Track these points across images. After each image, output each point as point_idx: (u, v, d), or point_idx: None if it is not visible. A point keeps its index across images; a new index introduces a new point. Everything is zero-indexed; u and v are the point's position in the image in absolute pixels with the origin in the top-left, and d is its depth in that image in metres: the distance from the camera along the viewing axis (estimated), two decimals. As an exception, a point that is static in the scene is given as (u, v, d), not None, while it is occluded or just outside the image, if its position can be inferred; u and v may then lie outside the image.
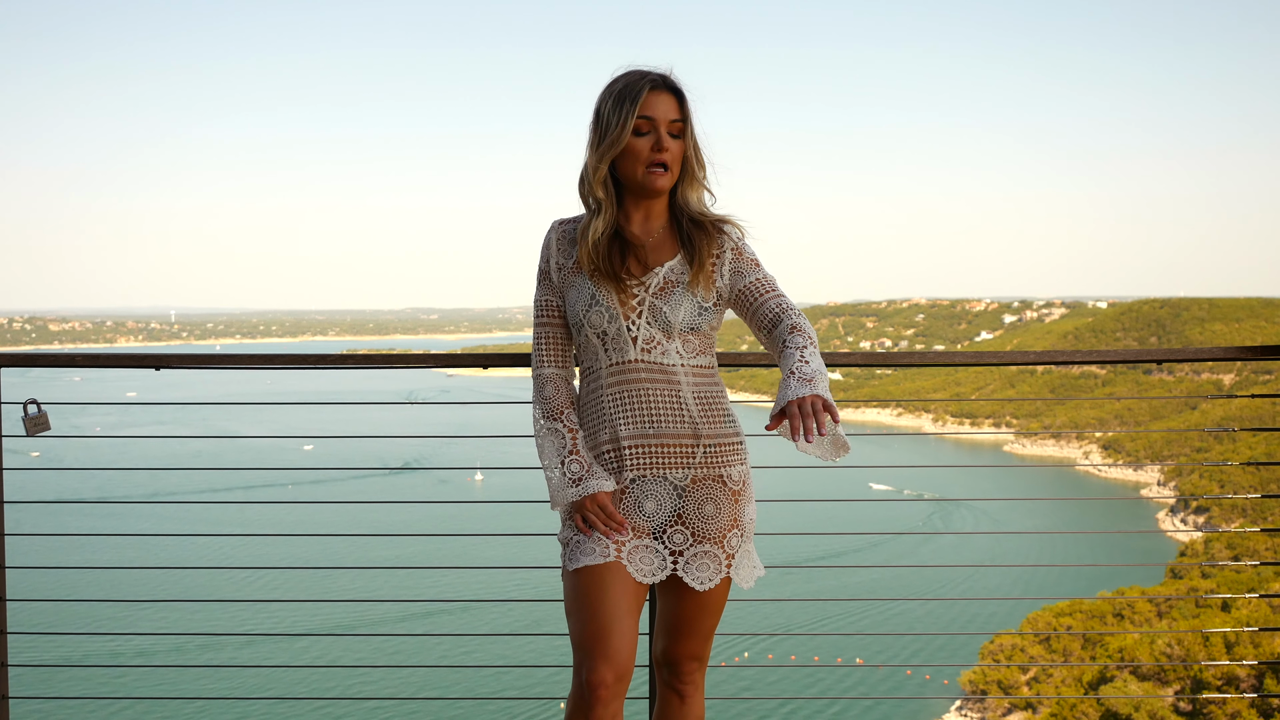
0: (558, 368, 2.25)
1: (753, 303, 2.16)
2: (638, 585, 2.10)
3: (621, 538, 2.11)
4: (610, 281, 2.14)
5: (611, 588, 2.05)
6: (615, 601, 2.04)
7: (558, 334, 2.25)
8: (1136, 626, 22.09)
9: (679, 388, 2.14)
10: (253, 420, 74.40)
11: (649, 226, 2.21)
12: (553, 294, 2.24)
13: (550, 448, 2.18)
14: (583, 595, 2.06)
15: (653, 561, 2.13)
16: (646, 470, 2.13)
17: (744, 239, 2.23)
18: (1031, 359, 2.94)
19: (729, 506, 2.15)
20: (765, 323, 2.15)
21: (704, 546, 2.14)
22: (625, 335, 2.13)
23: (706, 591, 2.15)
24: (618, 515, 2.12)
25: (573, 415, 2.21)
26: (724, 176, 2.25)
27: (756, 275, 2.18)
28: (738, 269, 2.19)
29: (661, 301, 2.14)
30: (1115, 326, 76.77)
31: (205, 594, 30.36)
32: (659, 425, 2.13)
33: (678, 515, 2.14)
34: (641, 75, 2.15)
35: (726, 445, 2.17)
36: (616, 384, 2.15)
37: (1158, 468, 59.64)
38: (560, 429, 2.19)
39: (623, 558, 2.09)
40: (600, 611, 2.03)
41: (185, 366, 2.90)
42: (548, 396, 2.22)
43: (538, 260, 2.27)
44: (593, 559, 2.07)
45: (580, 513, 2.13)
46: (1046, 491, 52.09)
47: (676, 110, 2.15)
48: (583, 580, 2.07)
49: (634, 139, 2.13)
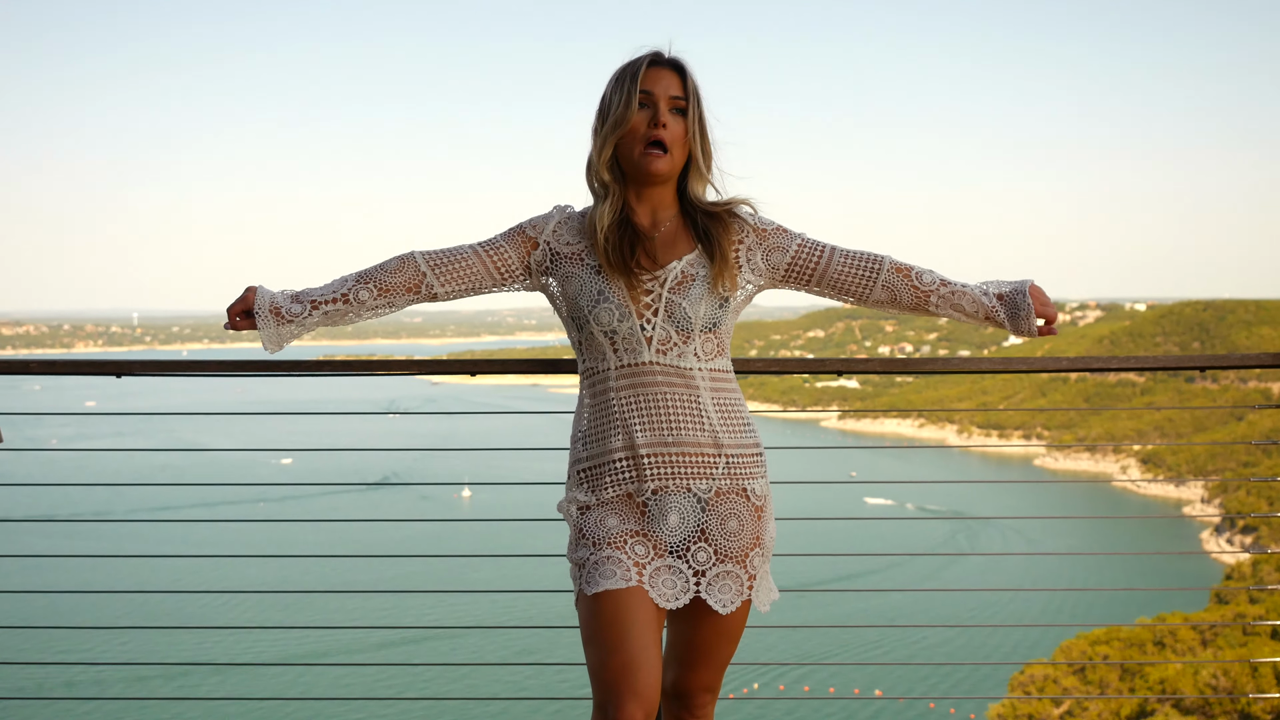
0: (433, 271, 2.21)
1: (814, 270, 2.23)
2: (659, 611, 2.07)
3: (640, 557, 2.08)
4: (621, 275, 2.13)
5: (636, 615, 2.02)
6: (641, 630, 2.01)
7: (467, 275, 2.21)
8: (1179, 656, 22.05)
9: (698, 393, 2.13)
10: (222, 432, 74.39)
11: (656, 219, 2.21)
12: (519, 256, 2.22)
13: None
14: (605, 624, 2.02)
15: (675, 584, 2.10)
16: (668, 481, 2.11)
17: (758, 215, 2.25)
18: (1064, 365, 2.94)
19: (752, 523, 2.15)
20: (850, 281, 2.24)
21: (726, 566, 2.12)
22: (639, 335, 2.12)
23: (727, 616, 2.13)
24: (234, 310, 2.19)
25: (368, 290, 2.20)
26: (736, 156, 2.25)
27: (797, 241, 2.24)
28: (772, 246, 2.22)
29: (680, 297, 2.13)
30: (1155, 330, 76.80)
31: (169, 620, 30.34)
32: (678, 433, 2.11)
33: (701, 531, 2.13)
34: (646, 54, 2.18)
35: (748, 456, 2.17)
36: (628, 387, 2.13)
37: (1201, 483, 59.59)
38: (351, 283, 2.21)
39: (645, 581, 2.07)
40: (626, 642, 2.00)
41: (149, 374, 2.90)
42: (380, 266, 2.22)
43: (524, 219, 2.24)
44: (614, 582, 2.04)
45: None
46: (1080, 509, 52.06)
47: (679, 87, 2.16)
48: (603, 606, 2.03)
49: (636, 115, 2.14)
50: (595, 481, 2.15)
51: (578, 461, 2.19)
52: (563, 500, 2.21)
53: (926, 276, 2.27)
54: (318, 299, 2.22)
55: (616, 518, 2.13)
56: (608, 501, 2.14)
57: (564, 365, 2.73)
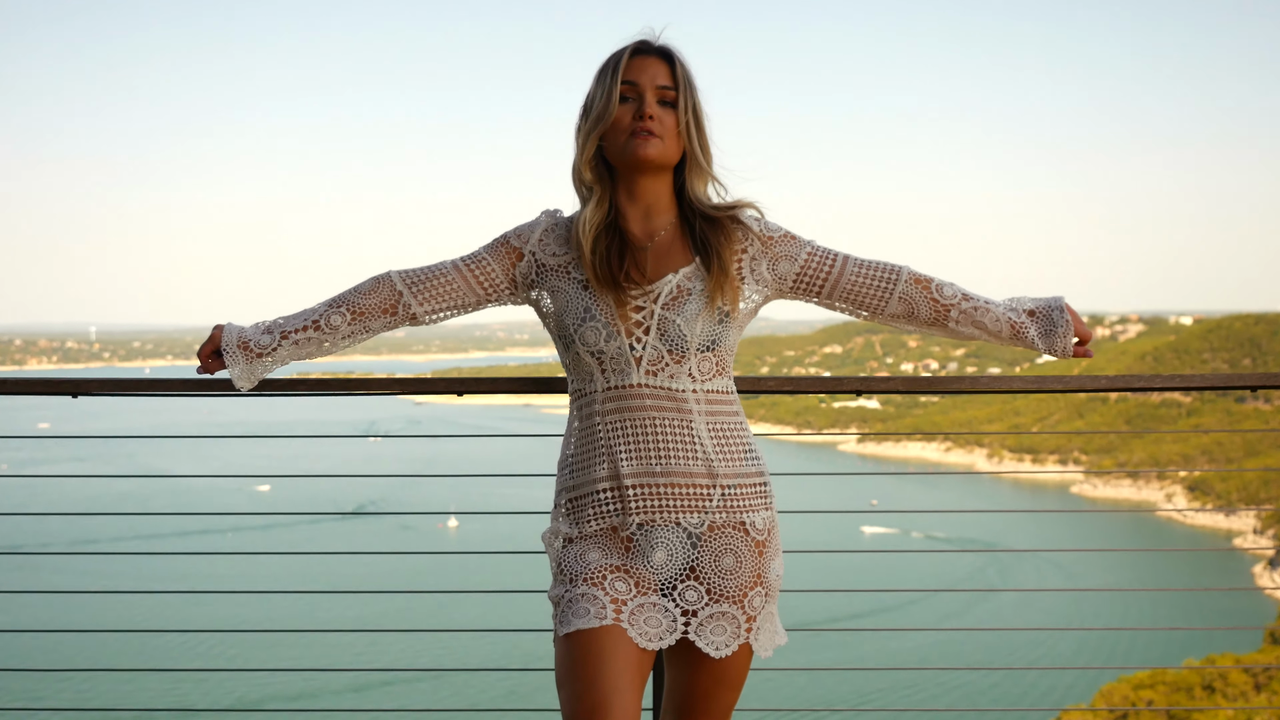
0: (411, 290, 2.24)
1: (824, 282, 2.24)
2: (641, 652, 2.06)
3: (620, 594, 2.07)
4: (609, 290, 2.12)
5: (611, 656, 2.01)
6: (616, 672, 2.00)
7: (449, 292, 2.24)
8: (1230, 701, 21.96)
9: (690, 417, 2.12)
10: (188, 456, 74.41)
11: (651, 226, 2.20)
12: (503, 269, 2.23)
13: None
14: (576, 665, 2.02)
15: (660, 623, 2.09)
16: (655, 514, 2.10)
17: (764, 219, 2.24)
18: (1104, 385, 2.93)
19: (751, 559, 2.14)
20: (864, 294, 2.25)
21: (721, 606, 2.11)
22: (627, 355, 2.11)
23: (723, 661, 2.12)
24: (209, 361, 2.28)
25: (340, 315, 2.24)
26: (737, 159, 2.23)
27: (806, 250, 2.23)
28: (779, 255, 2.22)
29: (673, 313, 2.11)
30: (1202, 346, 76.88)
31: (128, 662, 30.25)
32: (667, 462, 2.10)
33: (691, 568, 2.12)
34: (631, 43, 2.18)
35: (748, 486, 2.15)
36: (615, 411, 2.12)
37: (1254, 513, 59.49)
38: (323, 312, 2.26)
39: (623, 620, 2.06)
40: (596, 684, 1.99)
41: (108, 393, 2.90)
42: (354, 289, 2.27)
43: (508, 229, 2.26)
44: (587, 621, 2.03)
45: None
46: (1121, 541, 51.98)
47: (667, 75, 2.15)
48: (576, 647, 2.03)
49: (619, 109, 2.13)
50: (579, 513, 2.15)
51: (563, 490, 2.19)
52: (547, 531, 2.21)
53: (948, 289, 2.28)
54: (287, 329, 2.25)
55: (598, 552, 2.12)
56: (590, 535, 2.14)
57: (558, 384, 2.73)
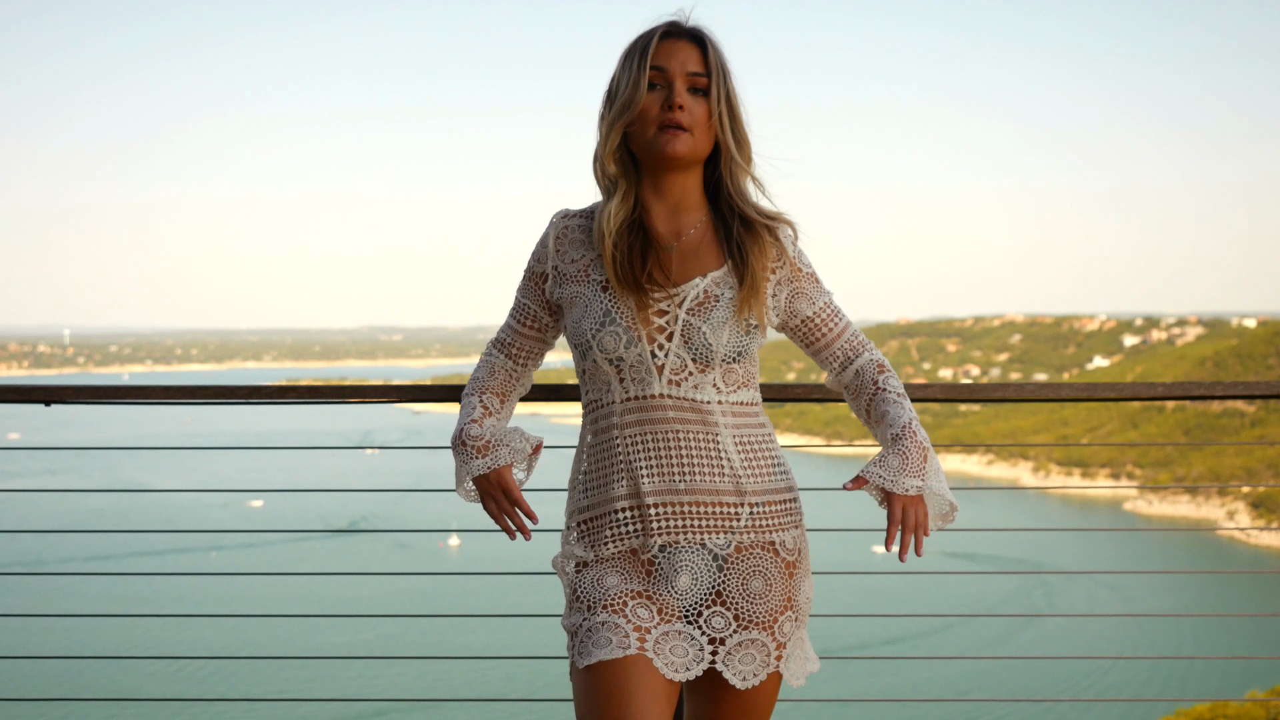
0: (511, 359, 2.33)
1: (820, 338, 2.27)
2: (668, 684, 2.06)
3: (643, 621, 2.08)
4: (630, 292, 2.11)
5: (638, 688, 2.01)
6: (644, 705, 2.00)
7: (530, 346, 2.32)
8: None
9: (716, 430, 2.12)
10: (168, 469, 74.67)
11: (678, 224, 2.20)
12: (540, 303, 2.27)
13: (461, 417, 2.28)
14: (600, 698, 2.01)
15: (687, 652, 2.09)
16: (678, 535, 2.10)
17: (797, 243, 2.25)
18: (1160, 393, 2.93)
19: (781, 582, 2.14)
20: (837, 359, 2.28)
21: (750, 633, 2.11)
22: (648, 363, 2.11)
23: (751, 691, 2.12)
24: (523, 501, 2.21)
25: (494, 400, 2.32)
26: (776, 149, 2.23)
27: (823, 301, 2.26)
28: (798, 290, 2.24)
29: (699, 320, 2.11)
30: (1267, 350, 76.42)
31: (105, 690, 30.34)
32: (691, 479, 2.10)
33: (717, 593, 2.12)
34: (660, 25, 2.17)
35: (778, 504, 2.16)
36: (634, 424, 2.12)
37: (1322, 532, 59.01)
38: (474, 400, 2.30)
39: (648, 649, 2.05)
40: (625, 718, 1.99)
41: (83, 401, 2.92)
42: (478, 376, 2.34)
43: (529, 257, 2.29)
44: (609, 651, 2.03)
45: (481, 495, 2.22)
46: (1179, 562, 51.72)
47: (698, 61, 2.13)
48: (598, 680, 2.02)
49: (646, 97, 2.12)
50: (595, 535, 2.15)
51: (576, 511, 2.19)
52: (558, 556, 2.21)
53: (890, 380, 2.27)
54: (479, 418, 2.31)
55: (617, 576, 2.13)
56: (608, 558, 2.14)
57: (568, 392, 2.74)
